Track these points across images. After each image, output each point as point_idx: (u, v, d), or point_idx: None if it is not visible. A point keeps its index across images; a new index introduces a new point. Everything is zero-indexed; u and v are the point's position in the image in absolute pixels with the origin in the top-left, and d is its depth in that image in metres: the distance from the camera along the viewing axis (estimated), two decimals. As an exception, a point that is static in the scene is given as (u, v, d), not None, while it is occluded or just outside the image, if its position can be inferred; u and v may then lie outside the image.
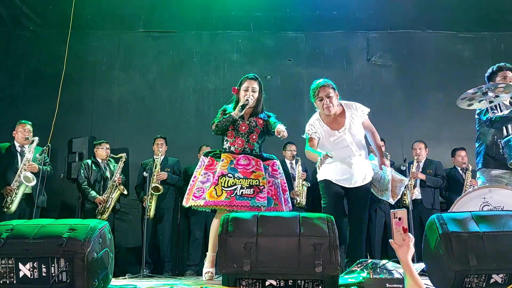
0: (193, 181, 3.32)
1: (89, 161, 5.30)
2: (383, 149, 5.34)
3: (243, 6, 6.37)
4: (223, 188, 3.13)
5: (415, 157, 5.35)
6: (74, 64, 5.89)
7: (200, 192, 3.19)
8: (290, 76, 6.32)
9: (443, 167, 5.50)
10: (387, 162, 3.51)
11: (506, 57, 6.07)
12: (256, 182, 3.17)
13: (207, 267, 3.30)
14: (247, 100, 3.30)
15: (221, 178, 3.15)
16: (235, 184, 3.14)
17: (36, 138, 4.81)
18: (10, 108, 5.92)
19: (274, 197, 3.24)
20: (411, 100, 6.25)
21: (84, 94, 6.14)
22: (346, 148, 3.28)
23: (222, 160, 3.24)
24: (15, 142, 4.84)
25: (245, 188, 3.14)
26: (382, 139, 5.25)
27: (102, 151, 5.30)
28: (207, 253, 3.37)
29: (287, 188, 3.43)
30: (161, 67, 6.34)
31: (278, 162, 3.42)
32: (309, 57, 6.39)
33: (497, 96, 3.22)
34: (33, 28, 6.31)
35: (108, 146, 5.35)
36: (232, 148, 3.30)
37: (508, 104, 3.54)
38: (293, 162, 5.42)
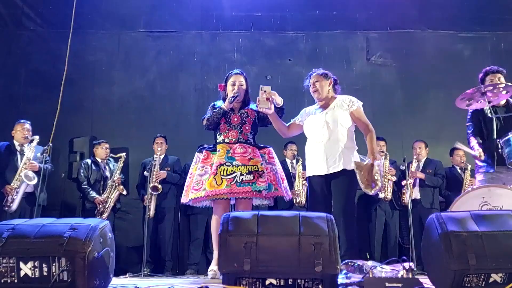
0: (189, 177, 3.33)
1: (89, 161, 5.31)
2: (384, 149, 5.36)
3: (243, 6, 6.38)
4: (222, 176, 3.13)
5: (415, 157, 5.35)
6: (75, 64, 5.89)
7: (199, 184, 3.20)
8: (290, 76, 6.31)
9: (444, 167, 5.51)
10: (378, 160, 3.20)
11: (506, 57, 6.09)
12: (255, 168, 3.19)
13: (212, 265, 3.30)
14: (236, 92, 3.35)
15: (219, 167, 3.17)
16: (234, 172, 3.15)
17: (37, 137, 4.81)
18: (10, 108, 5.92)
19: (274, 183, 3.25)
20: (411, 99, 6.25)
21: (84, 93, 6.14)
22: (321, 130, 3.26)
23: (219, 150, 3.27)
24: (14, 141, 4.85)
25: (244, 174, 3.15)
26: (383, 139, 5.30)
27: (102, 151, 5.31)
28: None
29: (284, 177, 3.45)
30: (161, 67, 6.35)
31: (273, 150, 3.45)
32: (309, 57, 6.39)
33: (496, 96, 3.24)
34: (34, 28, 6.31)
35: (107, 145, 5.36)
36: (227, 140, 3.33)
37: (503, 106, 3.56)
38: (294, 161, 5.43)
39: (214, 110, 3.38)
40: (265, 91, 3.16)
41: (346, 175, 3.18)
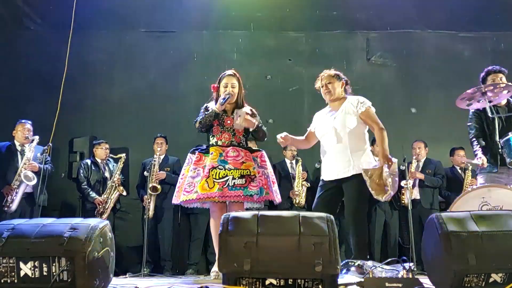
0: (181, 178, 3.35)
1: (89, 161, 5.31)
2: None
3: (243, 6, 6.37)
4: (214, 180, 3.15)
5: (414, 157, 5.35)
6: (75, 64, 5.87)
7: (191, 187, 3.21)
8: (290, 76, 6.32)
9: (444, 167, 5.50)
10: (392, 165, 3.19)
11: (506, 57, 6.08)
12: (247, 172, 3.20)
13: (215, 266, 3.31)
14: (227, 94, 3.35)
15: (212, 170, 3.18)
16: (226, 176, 3.16)
17: (37, 137, 4.82)
18: (11, 108, 5.91)
19: (265, 187, 3.26)
20: (411, 99, 6.25)
21: (84, 93, 6.14)
22: (330, 135, 3.30)
23: (211, 153, 3.28)
24: (15, 142, 4.86)
25: (236, 178, 3.17)
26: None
27: (101, 151, 5.31)
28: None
29: (275, 180, 3.46)
30: (161, 67, 6.34)
31: (265, 153, 3.45)
32: (309, 57, 6.39)
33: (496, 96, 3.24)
34: (34, 28, 6.30)
35: (107, 146, 5.36)
36: (220, 143, 3.34)
37: (504, 106, 3.56)
38: (293, 162, 5.43)
39: (206, 113, 3.38)
40: (239, 116, 3.26)
41: (357, 178, 3.19)
